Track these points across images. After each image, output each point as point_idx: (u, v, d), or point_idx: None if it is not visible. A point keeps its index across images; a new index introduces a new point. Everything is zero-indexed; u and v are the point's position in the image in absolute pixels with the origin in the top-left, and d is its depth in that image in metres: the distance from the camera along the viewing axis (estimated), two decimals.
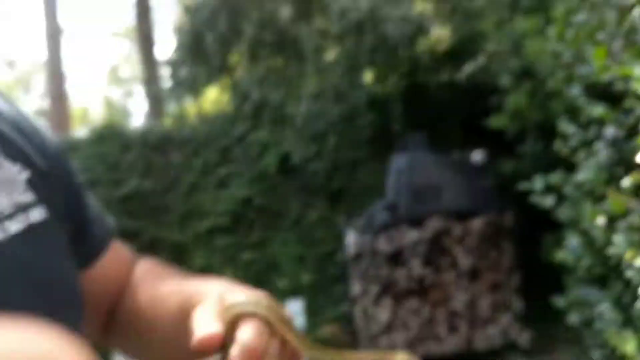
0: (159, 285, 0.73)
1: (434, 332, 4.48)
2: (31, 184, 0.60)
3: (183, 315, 0.60)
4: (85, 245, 0.70)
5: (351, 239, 4.61)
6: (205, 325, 0.52)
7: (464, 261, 4.42)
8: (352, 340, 4.77)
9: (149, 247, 6.20)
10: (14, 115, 0.65)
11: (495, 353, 4.48)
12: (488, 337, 4.44)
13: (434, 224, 4.43)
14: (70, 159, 0.74)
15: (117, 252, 0.78)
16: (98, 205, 0.77)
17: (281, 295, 5.90)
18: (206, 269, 6.12)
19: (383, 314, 4.49)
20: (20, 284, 0.56)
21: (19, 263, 0.56)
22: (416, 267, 4.41)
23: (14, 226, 0.56)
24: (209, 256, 6.07)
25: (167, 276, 0.76)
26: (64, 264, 0.64)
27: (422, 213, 4.44)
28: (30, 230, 0.58)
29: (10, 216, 0.56)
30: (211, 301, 0.57)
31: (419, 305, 4.47)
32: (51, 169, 0.65)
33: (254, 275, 5.98)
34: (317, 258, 5.84)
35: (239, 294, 0.56)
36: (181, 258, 6.28)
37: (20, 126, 0.64)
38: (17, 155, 0.60)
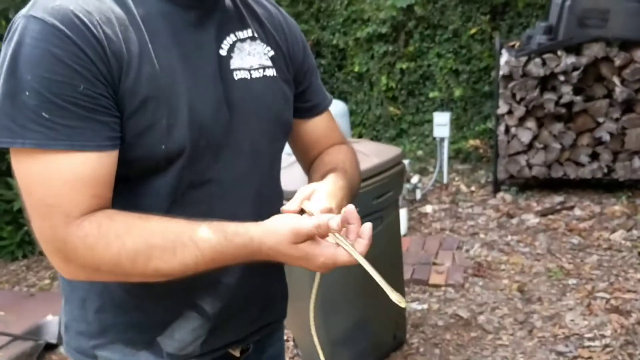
0: (329, 169, 1.14)
1: (574, 156, 4.58)
2: (272, 58, 1.07)
3: None
4: (304, 103, 1.18)
5: (504, 59, 4.61)
6: (290, 204, 0.96)
7: (620, 92, 4.28)
8: (492, 156, 5.05)
9: (313, 48, 6.67)
10: (276, 14, 1.13)
11: (636, 183, 4.54)
12: (631, 169, 4.45)
13: (593, 51, 4.25)
14: (308, 49, 1.19)
15: (328, 123, 1.25)
16: (322, 85, 1.24)
17: (431, 106, 6.20)
18: (363, 75, 6.52)
19: (525, 134, 4.64)
20: (256, 105, 1.02)
21: (256, 93, 1.02)
22: (566, 93, 4.38)
23: (255, 74, 1.03)
24: (366, 62, 6.40)
25: (338, 167, 1.15)
26: (283, 105, 1.09)
27: (583, 39, 4.26)
28: (265, 79, 1.04)
29: (255, 69, 1.03)
30: (302, 195, 0.99)
31: (563, 130, 4.53)
32: (289, 52, 1.12)
33: (407, 85, 6.26)
34: (470, 73, 5.91)
35: (317, 203, 0.97)
36: (341, 62, 6.70)
37: (277, 21, 1.12)
38: (270, 40, 1.08)
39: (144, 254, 0.84)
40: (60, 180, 0.83)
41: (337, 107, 5.12)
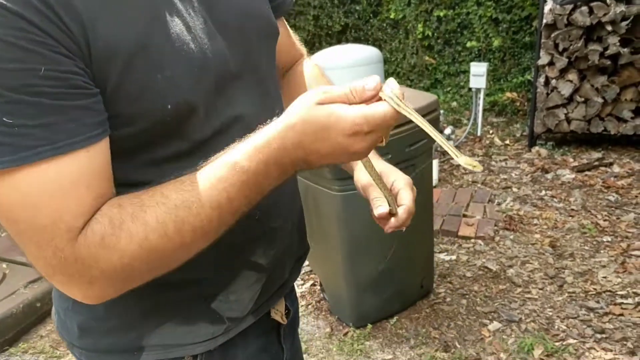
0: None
1: (617, 112, 4.41)
2: None
3: None
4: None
5: (548, 7, 4.40)
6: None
7: None
8: (530, 109, 4.90)
9: None
10: None
11: None
12: None
13: None
14: None
15: (287, 30, 1.11)
16: None
17: (468, 56, 6.01)
18: (399, 22, 6.33)
19: (566, 87, 4.47)
20: (243, 15, 0.89)
21: (239, 3, 0.89)
22: (613, 44, 4.18)
23: None
24: (402, 9, 6.20)
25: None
26: (266, 7, 0.97)
27: None
28: None
29: None
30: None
31: (607, 84, 4.34)
32: None
33: (444, 33, 6.06)
34: (511, 23, 5.68)
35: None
36: (376, 9, 6.51)
37: None
38: None
39: (172, 220, 0.70)
40: (50, 193, 0.65)
41: (372, 55, 4.98)
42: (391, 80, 0.74)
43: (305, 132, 0.69)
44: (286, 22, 1.13)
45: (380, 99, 0.71)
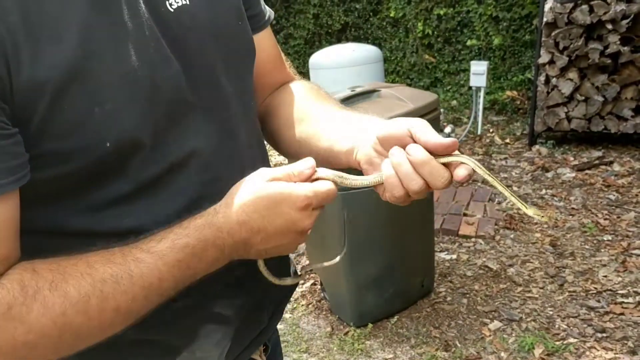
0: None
1: (617, 110, 4.40)
2: None
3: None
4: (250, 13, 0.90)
5: (548, 5, 4.39)
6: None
7: None
8: (530, 107, 4.90)
9: None
10: None
11: None
12: None
13: None
14: None
15: (273, 44, 0.98)
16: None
17: (468, 54, 6.01)
18: (399, 21, 6.32)
19: (567, 85, 4.46)
20: (206, 34, 0.77)
21: (201, 19, 0.76)
22: (613, 43, 4.17)
23: None
24: (402, 7, 6.19)
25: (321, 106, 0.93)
26: (240, 25, 0.84)
27: None
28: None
29: None
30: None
31: (607, 82, 4.34)
32: None
33: (444, 32, 6.05)
34: (511, 21, 5.67)
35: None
36: (376, 7, 6.50)
37: None
38: None
39: (95, 296, 0.61)
40: None
41: (371, 53, 5.00)
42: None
43: (256, 209, 0.68)
44: (269, 33, 0.98)
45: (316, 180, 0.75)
